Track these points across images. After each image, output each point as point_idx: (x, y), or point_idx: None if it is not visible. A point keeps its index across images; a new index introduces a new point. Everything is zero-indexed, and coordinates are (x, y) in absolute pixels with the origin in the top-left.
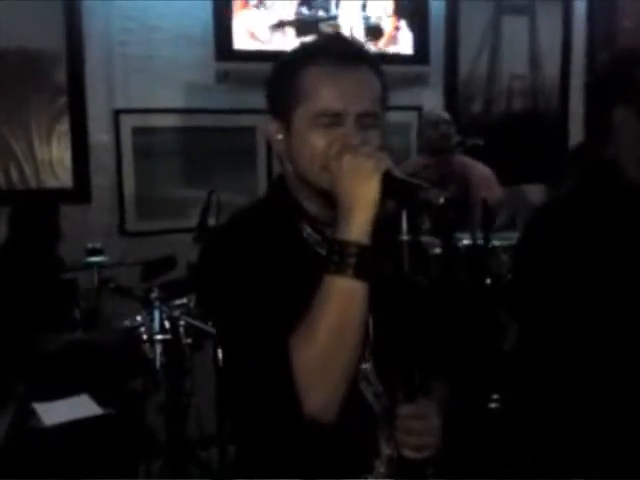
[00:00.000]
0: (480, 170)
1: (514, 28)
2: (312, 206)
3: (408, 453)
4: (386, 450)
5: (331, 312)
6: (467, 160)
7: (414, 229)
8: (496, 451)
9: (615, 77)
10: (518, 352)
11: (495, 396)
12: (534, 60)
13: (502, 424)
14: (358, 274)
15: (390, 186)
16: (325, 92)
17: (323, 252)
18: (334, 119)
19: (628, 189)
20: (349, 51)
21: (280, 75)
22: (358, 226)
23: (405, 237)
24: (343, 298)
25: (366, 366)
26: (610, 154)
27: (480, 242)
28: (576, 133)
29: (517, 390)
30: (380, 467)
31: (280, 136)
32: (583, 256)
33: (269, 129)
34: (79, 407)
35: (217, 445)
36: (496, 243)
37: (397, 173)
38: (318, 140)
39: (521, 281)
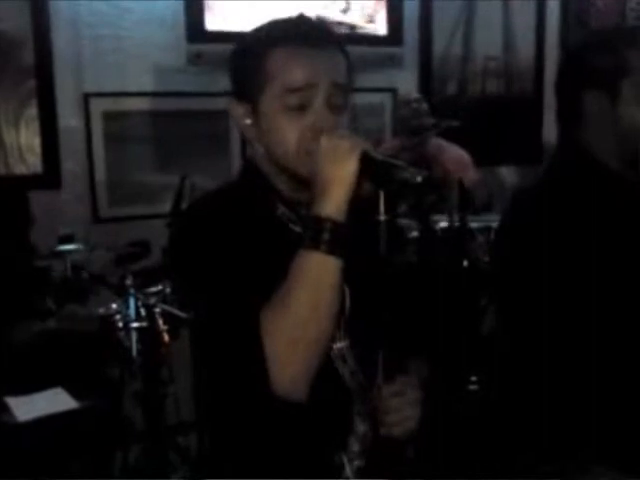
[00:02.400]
0: (455, 152)
1: (488, 9)
2: (285, 187)
3: (389, 431)
4: (360, 428)
5: (303, 287)
6: (442, 142)
7: (391, 210)
8: (478, 434)
9: (584, 61)
10: (499, 335)
11: (473, 378)
12: (508, 42)
13: (482, 408)
14: (331, 250)
15: (368, 166)
16: (292, 69)
17: (297, 229)
18: (303, 97)
19: (601, 174)
20: (315, 31)
21: (244, 57)
22: (333, 203)
23: (382, 217)
24: (316, 273)
25: (342, 345)
26: (582, 139)
27: (457, 224)
28: (550, 114)
29: (497, 374)
30: (354, 445)
31: (248, 121)
32: (561, 241)
33: (236, 113)
34: (53, 401)
35: (196, 431)
36: (473, 225)
37: (375, 153)
38: (290, 129)
39: (501, 265)
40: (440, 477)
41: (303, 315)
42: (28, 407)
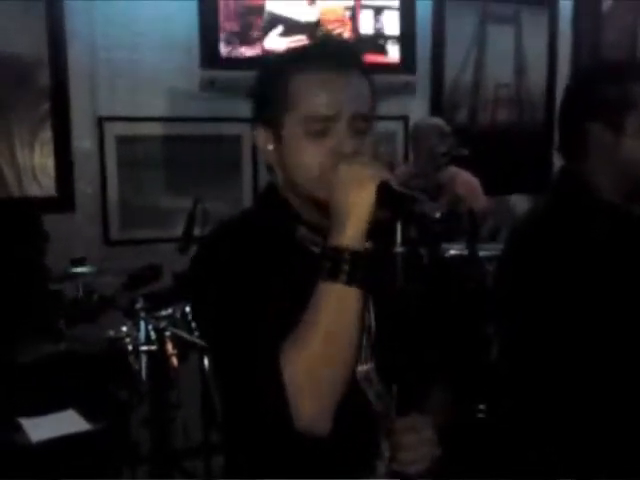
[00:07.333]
0: (465, 179)
1: (500, 37)
2: (305, 212)
3: (401, 468)
4: (387, 451)
5: (323, 321)
6: (453, 169)
7: (409, 240)
8: (485, 461)
9: (590, 93)
10: (502, 360)
11: (481, 407)
12: (519, 69)
13: (489, 433)
14: (351, 281)
15: (386, 196)
16: (315, 97)
17: (318, 251)
18: (326, 124)
19: (600, 207)
20: (339, 55)
21: (268, 81)
22: (352, 232)
23: (400, 249)
24: (335, 305)
25: (368, 366)
26: (583, 170)
27: (466, 252)
28: None
29: (502, 400)
30: (381, 468)
31: (270, 146)
32: (559, 271)
33: (258, 139)
34: (66, 422)
35: (203, 456)
36: (482, 253)
37: (393, 183)
38: (311, 153)
39: (503, 294)
40: None
41: (322, 351)
42: (41, 428)
